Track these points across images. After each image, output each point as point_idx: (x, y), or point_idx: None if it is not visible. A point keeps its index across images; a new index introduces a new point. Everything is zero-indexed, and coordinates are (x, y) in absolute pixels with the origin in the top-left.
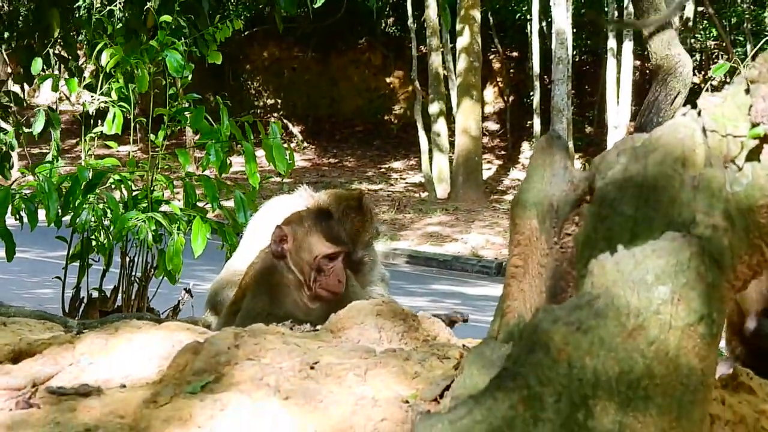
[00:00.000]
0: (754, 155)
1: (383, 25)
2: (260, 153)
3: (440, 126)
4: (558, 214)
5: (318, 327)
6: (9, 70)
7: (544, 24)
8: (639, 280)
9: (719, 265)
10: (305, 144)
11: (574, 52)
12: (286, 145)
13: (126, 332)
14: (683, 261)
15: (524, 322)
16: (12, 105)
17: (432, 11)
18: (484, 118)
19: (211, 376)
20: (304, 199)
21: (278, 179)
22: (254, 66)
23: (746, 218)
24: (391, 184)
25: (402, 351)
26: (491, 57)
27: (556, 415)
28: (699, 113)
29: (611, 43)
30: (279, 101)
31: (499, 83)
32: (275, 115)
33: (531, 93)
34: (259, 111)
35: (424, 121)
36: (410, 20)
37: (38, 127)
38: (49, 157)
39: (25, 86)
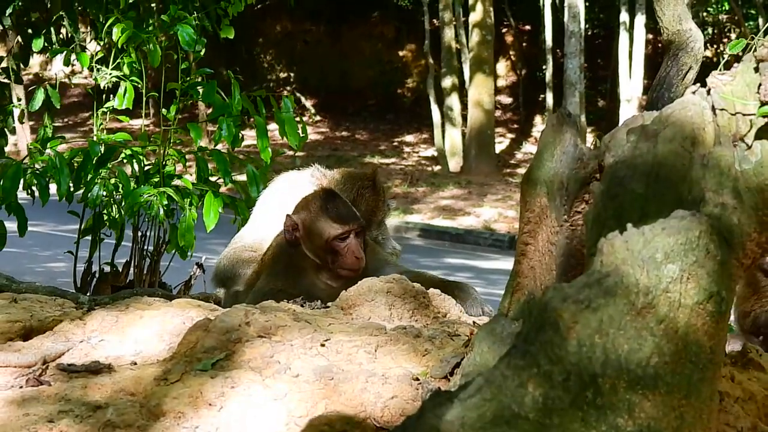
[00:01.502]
0: (763, 133)
1: None
2: (273, 127)
3: (453, 100)
4: (568, 191)
5: (329, 304)
6: (9, 46)
7: None
8: (648, 259)
9: (728, 243)
10: (318, 117)
11: (587, 26)
12: (298, 119)
13: (137, 309)
14: (692, 239)
15: (534, 300)
16: (11, 81)
17: None
18: (497, 92)
19: (222, 354)
20: (314, 177)
21: (291, 153)
22: (267, 40)
23: (755, 196)
24: (404, 158)
25: (412, 328)
26: (504, 31)
27: (565, 393)
28: (708, 92)
29: (623, 16)
30: (291, 75)
31: (512, 57)
32: (288, 88)
33: (543, 67)
34: (271, 85)
35: (436, 95)
36: None
37: (37, 103)
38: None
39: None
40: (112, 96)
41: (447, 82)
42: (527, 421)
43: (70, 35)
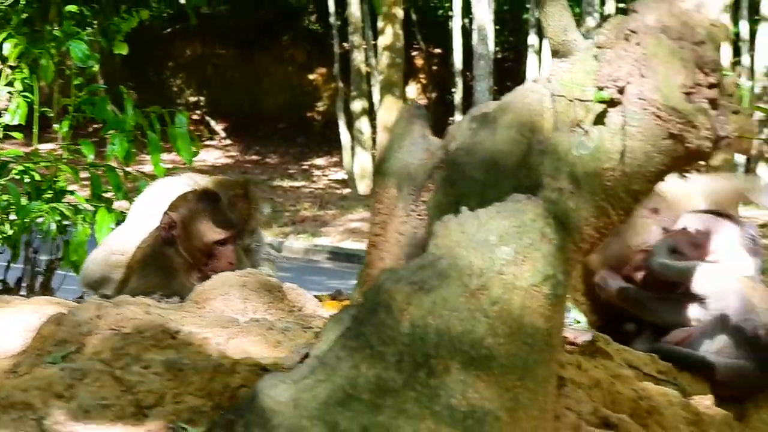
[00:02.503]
0: (600, 119)
1: (306, 22)
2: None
3: (363, 123)
4: (415, 182)
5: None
6: None
7: (466, 21)
8: (482, 241)
9: (565, 227)
10: (228, 141)
11: (496, 49)
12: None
13: None
14: (527, 222)
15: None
16: None
17: (354, 8)
18: None
19: (72, 347)
20: (187, 184)
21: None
22: (177, 63)
23: (592, 181)
24: (314, 181)
25: (266, 320)
26: (413, 54)
27: (398, 374)
28: (549, 79)
29: (532, 39)
30: (201, 98)
31: (422, 80)
32: (198, 112)
33: (453, 89)
34: (181, 108)
35: (346, 118)
36: (332, 17)
37: None
38: None
39: None
40: (3, 113)
41: (357, 105)
42: (360, 402)
43: None
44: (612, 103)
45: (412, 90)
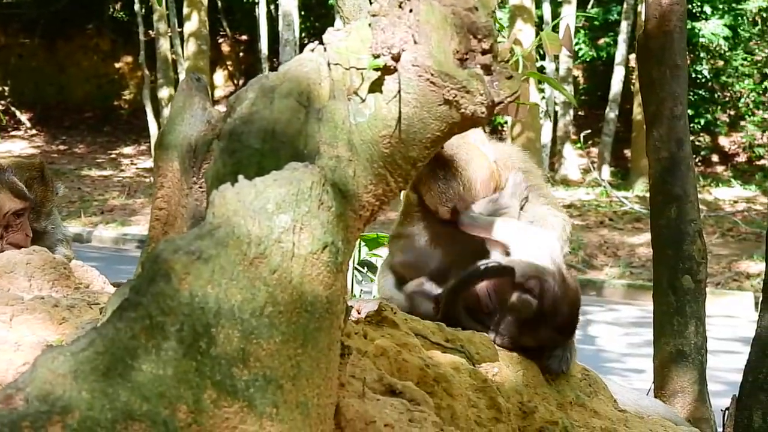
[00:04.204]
0: (376, 87)
1: (111, 10)
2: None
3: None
4: (196, 154)
5: None
6: None
7: (272, 7)
8: (260, 209)
9: (343, 194)
10: (33, 131)
11: (303, 35)
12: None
13: None
14: (304, 190)
15: (146, 253)
16: None
17: None
18: (215, 102)
19: None
20: None
21: None
22: None
23: (370, 149)
24: (122, 170)
25: (51, 298)
26: (220, 41)
27: (179, 343)
28: (325, 48)
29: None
30: (6, 89)
31: (229, 66)
32: (2, 102)
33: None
34: None
35: (153, 106)
36: (137, 5)
37: None
38: None
39: None
40: None
41: (164, 93)
42: (141, 372)
43: None
44: (387, 70)
45: (219, 77)
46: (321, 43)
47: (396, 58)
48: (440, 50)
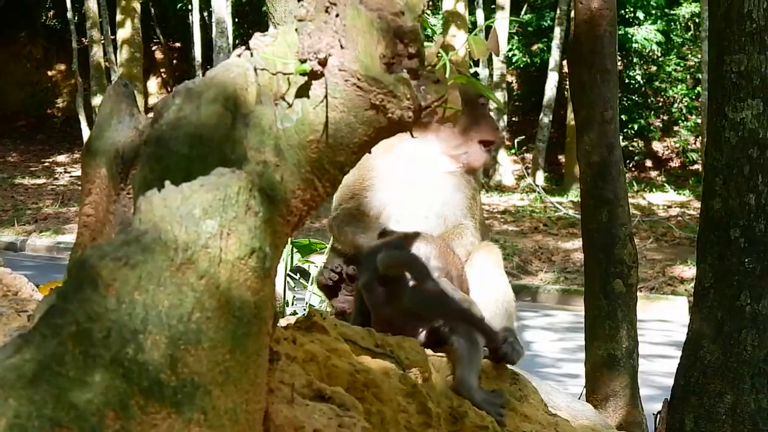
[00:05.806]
0: (303, 92)
1: (44, 17)
2: None
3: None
4: (124, 160)
5: None
6: None
7: (205, 14)
8: (187, 215)
9: (271, 199)
10: None
11: (236, 41)
12: None
13: None
14: (231, 195)
15: (73, 259)
16: None
17: (92, 2)
18: (148, 110)
19: None
20: None
21: None
22: None
23: (298, 153)
24: (56, 178)
25: None
26: (154, 48)
27: (106, 350)
28: (251, 53)
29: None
30: None
31: (163, 74)
32: None
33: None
34: None
35: (87, 114)
36: (70, 13)
37: None
38: None
39: None
40: None
41: (97, 100)
42: (68, 379)
43: None
44: (314, 75)
45: (153, 84)
46: (248, 48)
47: (323, 63)
48: (367, 55)
